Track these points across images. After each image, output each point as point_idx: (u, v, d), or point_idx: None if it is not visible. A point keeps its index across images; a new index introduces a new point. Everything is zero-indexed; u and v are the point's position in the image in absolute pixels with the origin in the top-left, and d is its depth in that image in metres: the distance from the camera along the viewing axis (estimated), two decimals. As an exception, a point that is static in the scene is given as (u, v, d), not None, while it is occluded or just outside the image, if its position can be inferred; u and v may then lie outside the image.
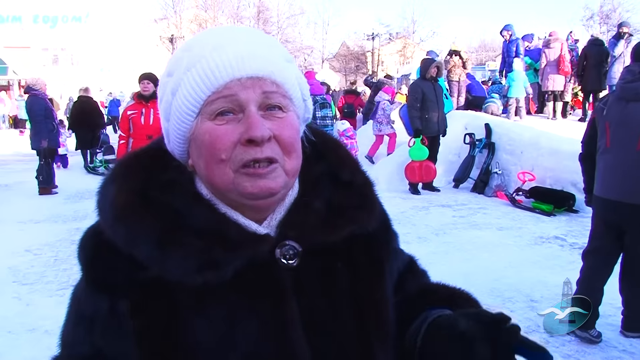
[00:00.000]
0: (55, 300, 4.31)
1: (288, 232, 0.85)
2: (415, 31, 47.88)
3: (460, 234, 6.22)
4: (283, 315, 0.82)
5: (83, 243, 0.88)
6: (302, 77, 0.89)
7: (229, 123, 0.80)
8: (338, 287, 0.88)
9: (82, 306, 0.85)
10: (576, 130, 9.36)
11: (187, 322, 0.79)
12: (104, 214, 0.84)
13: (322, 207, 0.88)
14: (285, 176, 0.83)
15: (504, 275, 4.72)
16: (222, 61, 0.79)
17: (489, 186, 8.62)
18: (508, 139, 8.81)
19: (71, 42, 36.21)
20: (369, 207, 0.94)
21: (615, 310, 3.97)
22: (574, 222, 6.82)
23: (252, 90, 0.80)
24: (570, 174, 7.58)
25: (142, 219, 0.80)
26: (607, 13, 39.12)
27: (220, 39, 0.82)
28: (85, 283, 0.85)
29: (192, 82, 0.80)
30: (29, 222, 7.09)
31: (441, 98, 8.51)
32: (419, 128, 8.31)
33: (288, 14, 43.23)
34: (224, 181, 0.81)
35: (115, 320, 0.80)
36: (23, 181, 10.26)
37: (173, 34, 38.03)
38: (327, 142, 0.98)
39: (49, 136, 9.07)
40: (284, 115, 0.83)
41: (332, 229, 0.87)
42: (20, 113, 22.94)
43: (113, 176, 0.87)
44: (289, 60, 0.87)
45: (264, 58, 0.82)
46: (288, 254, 0.84)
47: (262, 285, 0.82)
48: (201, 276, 0.77)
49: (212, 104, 0.80)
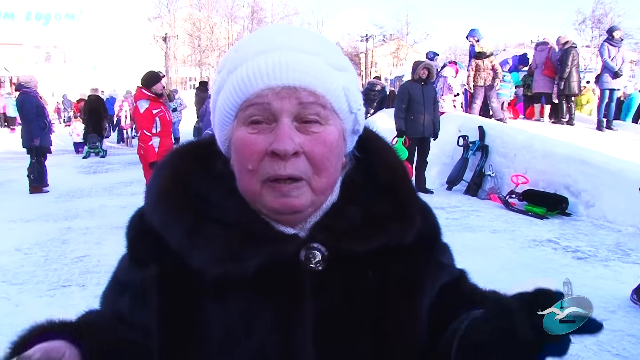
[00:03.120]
0: (45, 301, 4.26)
1: (317, 235, 0.83)
2: (409, 33, 48.16)
3: (453, 236, 6.19)
4: (294, 317, 0.81)
5: (129, 221, 0.93)
6: (353, 87, 0.84)
7: (260, 132, 0.78)
8: (362, 297, 0.85)
9: (121, 275, 0.93)
10: (569, 133, 9.43)
11: (205, 310, 0.81)
12: (148, 197, 0.87)
13: (357, 215, 0.85)
14: (312, 194, 0.81)
15: (497, 278, 4.71)
16: (259, 68, 0.77)
17: (482, 189, 8.63)
18: (501, 142, 8.82)
19: (64, 39, 36.07)
20: (408, 219, 0.88)
21: (609, 314, 3.99)
22: (566, 225, 6.83)
23: (287, 101, 0.77)
24: (564, 177, 7.62)
25: (176, 206, 0.82)
26: (599, 17, 39.46)
27: (266, 43, 0.80)
28: (126, 258, 0.92)
29: (231, 86, 0.80)
30: (19, 221, 7.02)
31: (430, 100, 8.48)
32: (401, 129, 8.43)
33: (282, 14, 43.31)
34: (251, 191, 0.81)
35: (144, 294, 0.85)
36: (13, 179, 10.18)
37: (167, 33, 37.95)
38: (380, 147, 0.94)
39: (40, 134, 8.97)
40: (320, 130, 0.79)
41: (364, 238, 0.83)
42: (10, 111, 22.76)
43: (167, 162, 0.90)
44: (340, 69, 0.83)
45: (304, 67, 0.78)
46: (315, 257, 0.82)
47: (281, 284, 0.81)
48: (222, 267, 0.78)
49: (247, 110, 0.79)
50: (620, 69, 9.86)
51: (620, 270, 5.10)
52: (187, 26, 40.54)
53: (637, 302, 4.19)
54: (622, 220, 6.69)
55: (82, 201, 8.39)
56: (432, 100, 8.55)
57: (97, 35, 36.18)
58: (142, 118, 6.76)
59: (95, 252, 5.51)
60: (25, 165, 9.23)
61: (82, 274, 4.93)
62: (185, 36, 40.96)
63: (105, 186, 9.72)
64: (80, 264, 5.20)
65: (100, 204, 8.06)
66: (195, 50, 41.75)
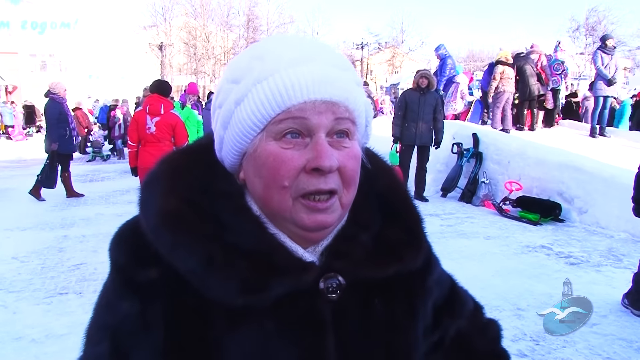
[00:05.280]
0: (42, 309, 4.28)
1: (334, 263, 0.81)
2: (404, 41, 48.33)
3: (448, 242, 6.25)
4: (321, 350, 0.79)
5: (119, 240, 0.83)
6: (368, 102, 0.84)
7: (295, 148, 0.76)
8: (374, 324, 0.85)
9: (111, 306, 0.81)
10: (562, 140, 9.50)
11: (219, 342, 0.76)
12: (148, 216, 0.79)
13: (370, 240, 0.85)
14: (341, 209, 0.80)
15: (491, 284, 4.75)
16: (299, 80, 0.74)
17: (477, 195, 8.68)
18: (495, 149, 8.89)
19: (60, 48, 36.02)
20: (417, 244, 0.90)
21: (600, 319, 4.03)
22: (560, 232, 6.89)
23: (325, 116, 0.75)
24: (557, 183, 7.68)
25: (189, 230, 0.75)
26: (592, 25, 39.71)
27: (296, 53, 0.77)
28: (117, 282, 0.81)
29: (262, 97, 0.75)
30: (15, 229, 7.02)
31: (428, 109, 8.48)
32: (396, 135, 8.65)
33: (278, 22, 43.42)
34: (282, 208, 0.77)
35: (144, 326, 0.77)
36: (9, 188, 10.18)
37: (162, 42, 38.03)
38: (380, 168, 0.93)
39: (59, 140, 8.95)
40: (350, 145, 0.79)
41: (379, 265, 0.83)
42: (6, 119, 22.74)
43: (158, 173, 0.83)
44: (359, 84, 0.83)
45: (340, 81, 0.77)
46: (331, 287, 0.81)
47: (302, 315, 0.79)
48: (242, 299, 0.74)
49: (280, 123, 0.75)
50: (614, 77, 9.96)
51: (612, 276, 5.16)
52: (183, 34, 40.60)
53: (628, 306, 4.25)
54: (615, 226, 6.76)
55: (78, 209, 8.39)
56: (432, 109, 8.52)
57: (93, 43, 36.18)
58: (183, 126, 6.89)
59: (91, 260, 5.54)
60: (22, 174, 9.23)
61: (79, 281, 4.96)
62: (181, 44, 41.02)
63: (102, 194, 9.73)
64: (77, 272, 5.22)
65: (97, 212, 8.08)
66: (191, 58, 41.79)
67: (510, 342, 3.69)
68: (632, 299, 4.23)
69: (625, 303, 4.29)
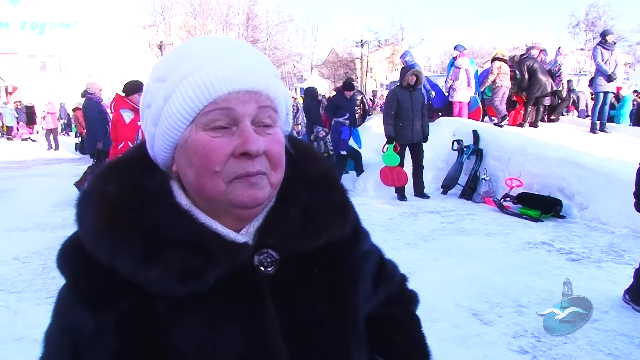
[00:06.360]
0: (43, 309, 4.28)
1: (266, 240, 0.88)
2: (404, 38, 48.15)
3: (449, 239, 6.26)
4: (262, 322, 0.84)
5: (64, 258, 0.88)
6: (287, 93, 0.91)
7: (224, 136, 0.82)
8: (315, 293, 0.91)
9: (67, 317, 0.86)
10: (563, 136, 9.49)
11: (168, 331, 0.81)
12: (85, 228, 0.85)
13: (298, 215, 0.91)
14: (270, 188, 0.86)
15: (492, 281, 4.75)
16: (223, 72, 0.80)
17: (477, 192, 8.68)
18: (495, 146, 8.88)
19: (59, 48, 36.04)
20: (343, 212, 0.97)
21: (602, 315, 4.03)
22: (561, 228, 6.89)
23: (249, 105, 0.82)
24: (557, 180, 7.68)
25: (122, 234, 0.80)
26: (592, 21, 39.67)
27: (218, 50, 0.83)
28: (70, 297, 0.86)
29: (188, 91, 0.80)
30: (16, 230, 7.03)
31: (418, 106, 8.47)
32: (391, 135, 8.44)
33: (277, 21, 43.32)
34: (215, 192, 0.83)
35: (100, 336, 0.81)
36: (10, 189, 10.19)
37: (162, 41, 38.00)
38: (302, 151, 1.00)
39: (103, 139, 9.11)
40: (273, 132, 0.85)
41: (309, 237, 0.90)
42: (7, 120, 22.74)
43: (90, 188, 0.89)
44: (277, 76, 0.90)
45: (260, 72, 0.84)
46: (266, 262, 0.86)
47: (241, 292, 0.84)
48: (183, 287, 0.79)
49: (208, 114, 0.81)
50: (614, 72, 9.94)
51: (614, 272, 5.16)
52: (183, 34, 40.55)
53: (629, 302, 4.24)
54: (616, 222, 6.75)
55: (79, 209, 8.38)
56: (421, 105, 8.54)
57: (93, 43, 36.16)
58: (128, 129, 6.59)
59: (92, 260, 5.54)
60: (22, 175, 9.23)
61: (80, 281, 4.96)
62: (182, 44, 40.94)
63: (102, 194, 9.73)
64: (78, 272, 5.22)
65: (98, 212, 8.06)
66: (191, 57, 41.65)
67: (512, 339, 3.69)
68: (633, 294, 4.23)
69: (626, 299, 4.29)
